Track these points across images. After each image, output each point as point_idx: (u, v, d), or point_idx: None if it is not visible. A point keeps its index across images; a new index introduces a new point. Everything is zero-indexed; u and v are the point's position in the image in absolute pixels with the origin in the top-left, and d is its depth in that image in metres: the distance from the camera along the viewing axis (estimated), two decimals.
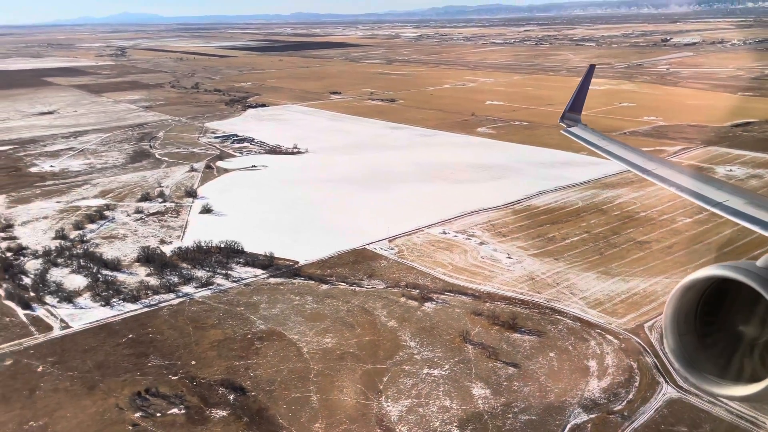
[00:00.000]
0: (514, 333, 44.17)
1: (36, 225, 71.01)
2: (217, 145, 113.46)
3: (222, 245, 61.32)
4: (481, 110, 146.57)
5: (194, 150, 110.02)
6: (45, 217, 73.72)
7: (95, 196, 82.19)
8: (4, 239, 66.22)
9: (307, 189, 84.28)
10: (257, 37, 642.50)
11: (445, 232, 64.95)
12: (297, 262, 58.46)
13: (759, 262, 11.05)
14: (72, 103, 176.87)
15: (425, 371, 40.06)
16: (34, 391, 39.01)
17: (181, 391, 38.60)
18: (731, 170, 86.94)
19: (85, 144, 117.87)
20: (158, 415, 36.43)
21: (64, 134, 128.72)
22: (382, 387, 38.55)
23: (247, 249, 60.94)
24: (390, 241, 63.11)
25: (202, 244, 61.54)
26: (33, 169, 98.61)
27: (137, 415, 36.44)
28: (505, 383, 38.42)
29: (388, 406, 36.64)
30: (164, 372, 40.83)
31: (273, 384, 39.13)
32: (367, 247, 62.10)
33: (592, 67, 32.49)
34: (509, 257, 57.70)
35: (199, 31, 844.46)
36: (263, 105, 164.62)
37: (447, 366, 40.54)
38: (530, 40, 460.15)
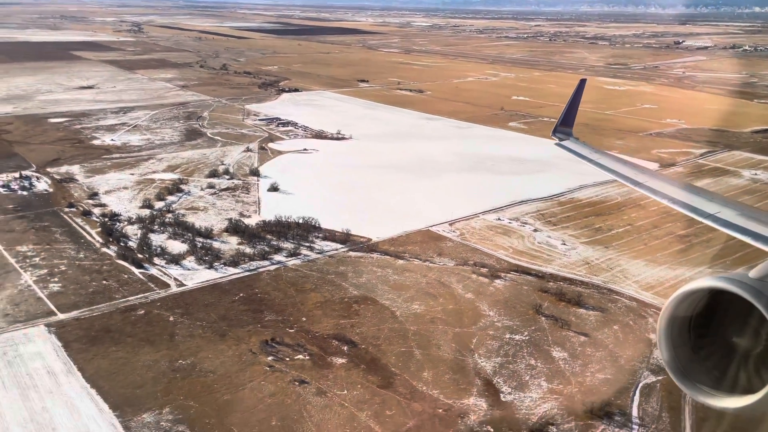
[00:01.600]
0: (580, 308, 50.62)
1: (119, 194, 77.00)
2: (263, 128, 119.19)
3: (299, 221, 67.46)
4: (509, 105, 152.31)
5: (242, 131, 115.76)
6: (125, 188, 79.71)
7: (164, 171, 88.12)
8: (95, 206, 72.21)
9: (360, 174, 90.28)
10: (269, 18, 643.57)
11: (499, 219, 71.25)
12: (370, 239, 64.70)
13: (752, 273, 11.28)
14: (108, 78, 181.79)
15: (507, 336, 46.48)
16: (173, 336, 45.32)
17: (301, 342, 44.97)
18: (756, 174, 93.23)
19: (136, 120, 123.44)
20: (287, 359, 42.79)
21: (111, 109, 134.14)
22: (473, 347, 44.98)
23: (323, 226, 67.07)
24: (450, 225, 69.39)
25: (282, 219, 67.77)
26: (95, 142, 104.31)
27: (269, 358, 42.82)
28: (579, 349, 44.89)
29: (481, 362, 43.08)
30: (281, 325, 47.17)
31: (378, 340, 45.52)
32: (430, 229, 68.35)
33: (582, 82, 33.01)
34: (564, 243, 64.09)
35: (209, 10, 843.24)
36: (296, 90, 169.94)
37: (526, 332, 46.97)
38: (543, 36, 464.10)
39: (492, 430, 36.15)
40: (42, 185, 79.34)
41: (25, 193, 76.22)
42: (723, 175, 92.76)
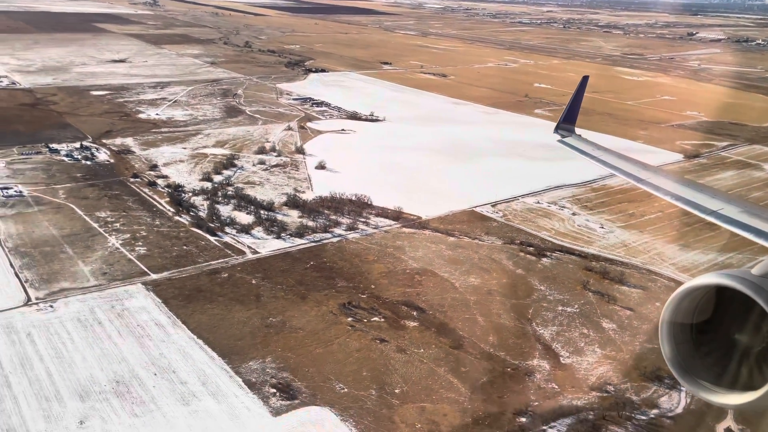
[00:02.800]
0: (623, 286, 55.31)
1: (177, 167, 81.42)
2: (298, 107, 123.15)
3: (352, 198, 71.92)
4: (532, 92, 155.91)
5: (279, 110, 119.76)
6: (181, 161, 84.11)
7: (214, 146, 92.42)
8: (157, 177, 76.66)
9: (399, 155, 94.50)
10: None
11: (538, 203, 75.75)
12: (420, 217, 69.23)
13: (754, 270, 11.32)
14: (137, 53, 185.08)
15: (560, 308, 51.22)
16: (259, 297, 50.08)
17: (374, 306, 49.73)
18: None
19: (174, 95, 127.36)
20: (365, 320, 47.56)
21: (148, 84, 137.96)
22: (530, 316, 49.75)
23: (374, 203, 71.51)
24: (493, 206, 73.89)
25: (336, 195, 72.24)
26: (141, 116, 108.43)
27: (349, 319, 47.59)
28: (626, 321, 49.65)
29: (539, 329, 47.87)
30: (353, 291, 51.90)
31: (443, 307, 50.26)
32: (474, 209, 72.85)
33: (585, 79, 33.12)
34: (602, 227, 68.67)
35: None
36: (323, 70, 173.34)
37: (576, 305, 51.70)
38: (556, 23, 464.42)
39: (557, 386, 41.00)
40: (102, 156, 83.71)
41: (89, 162, 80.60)
42: (745, 168, 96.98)
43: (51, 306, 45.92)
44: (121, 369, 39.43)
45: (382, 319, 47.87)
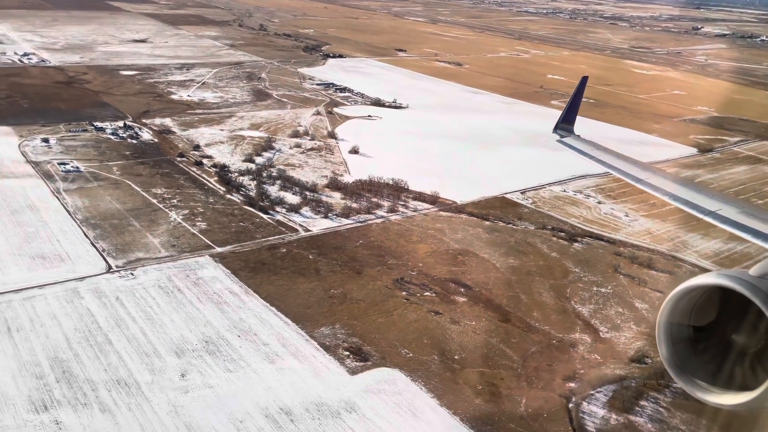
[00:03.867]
0: (651, 270, 59.54)
1: (219, 148, 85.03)
2: (323, 92, 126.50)
3: (390, 182, 75.74)
4: (546, 83, 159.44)
5: (305, 95, 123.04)
6: (221, 142, 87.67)
7: (249, 128, 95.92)
8: (202, 157, 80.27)
9: (426, 142, 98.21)
10: None
11: (565, 191, 79.79)
12: (455, 202, 73.17)
13: (752, 271, 11.34)
14: (156, 33, 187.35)
15: (594, 288, 55.43)
16: (318, 271, 54.09)
17: (425, 282, 53.81)
18: None
19: (202, 77, 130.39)
20: (418, 295, 51.65)
21: (174, 65, 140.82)
22: (568, 295, 53.96)
23: (410, 187, 75.34)
24: (522, 193, 77.90)
25: (374, 179, 76.03)
26: (174, 97, 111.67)
27: (403, 293, 51.70)
28: (657, 302, 53.88)
29: (578, 307, 52.10)
30: (403, 268, 55.95)
31: (488, 285, 54.39)
32: (505, 196, 76.83)
33: (584, 79, 33.29)
34: (626, 215, 72.81)
35: None
36: (340, 56, 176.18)
37: (609, 287, 55.91)
38: (561, 13, 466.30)
39: (599, 357, 45.28)
40: (146, 135, 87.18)
41: (134, 141, 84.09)
42: (757, 163, 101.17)
43: (132, 274, 49.84)
44: (208, 331, 43.48)
45: (434, 294, 51.97)
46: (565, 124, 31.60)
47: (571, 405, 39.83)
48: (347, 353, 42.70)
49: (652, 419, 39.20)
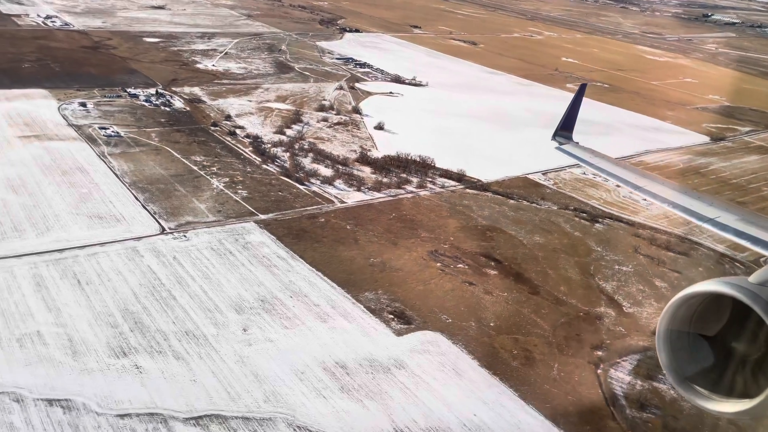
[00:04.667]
0: (669, 252, 62.73)
1: (249, 119, 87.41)
2: (343, 67, 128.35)
3: (417, 158, 78.41)
4: (561, 66, 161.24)
5: (326, 69, 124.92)
6: (251, 113, 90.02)
7: (276, 101, 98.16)
8: (234, 127, 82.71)
9: (447, 120, 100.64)
10: None
11: (584, 174, 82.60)
12: (480, 180, 76.00)
13: (751, 278, 11.46)
14: (172, 0, 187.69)
15: (616, 267, 58.63)
16: (357, 240, 57.11)
17: (457, 255, 56.92)
18: None
19: (223, 47, 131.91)
20: (451, 266, 54.79)
21: (195, 34, 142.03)
22: (592, 272, 57.18)
23: (436, 165, 78.06)
24: (544, 174, 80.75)
25: (401, 155, 78.70)
26: (199, 66, 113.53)
27: (438, 264, 54.82)
28: (675, 281, 57.18)
29: (602, 283, 55.34)
30: (436, 241, 59.00)
31: (517, 260, 57.53)
32: (527, 176, 79.66)
33: (583, 86, 33.79)
34: (644, 199, 75.59)
35: None
36: (357, 30, 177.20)
37: (630, 266, 59.12)
38: None
39: (623, 329, 48.63)
40: (178, 103, 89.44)
41: (167, 109, 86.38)
42: None
43: (185, 236, 52.78)
44: (262, 291, 46.60)
45: (466, 267, 55.12)
46: (564, 131, 32.26)
47: (599, 371, 43.23)
48: (391, 316, 45.92)
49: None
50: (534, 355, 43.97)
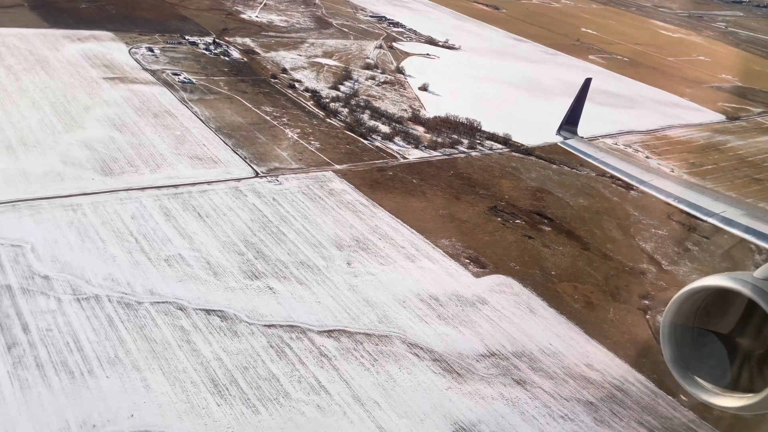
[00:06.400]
0: (697, 220, 69.67)
1: (304, 73, 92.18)
2: (377, 25, 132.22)
3: (464, 121, 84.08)
4: (582, 37, 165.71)
5: (362, 26, 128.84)
6: (303, 68, 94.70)
7: (323, 56, 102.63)
8: (292, 81, 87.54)
9: (484, 85, 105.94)
10: None
11: (616, 143, 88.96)
12: (524, 144, 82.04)
13: (756, 273, 11.80)
14: None
15: (652, 230, 65.56)
16: (425, 193, 63.30)
17: (514, 212, 63.39)
18: None
19: None
20: (510, 221, 61.38)
21: None
22: (632, 233, 64.09)
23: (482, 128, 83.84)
24: None
25: (450, 117, 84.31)
26: (243, 17, 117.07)
27: (498, 219, 61.37)
28: (704, 246, 64.28)
29: (641, 244, 62.30)
30: (493, 198, 65.37)
31: (566, 219, 64.18)
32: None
33: (588, 81, 33.70)
34: (672, 171, 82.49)
35: None
36: None
37: (665, 230, 66.05)
38: None
39: (664, 284, 55.79)
40: (235, 54, 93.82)
41: (227, 59, 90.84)
42: None
43: (277, 180, 58.65)
44: (354, 232, 52.92)
45: (523, 222, 61.71)
46: (569, 126, 32.62)
47: (647, 316, 50.43)
48: (468, 261, 52.57)
49: None
50: (592, 300, 51.00)
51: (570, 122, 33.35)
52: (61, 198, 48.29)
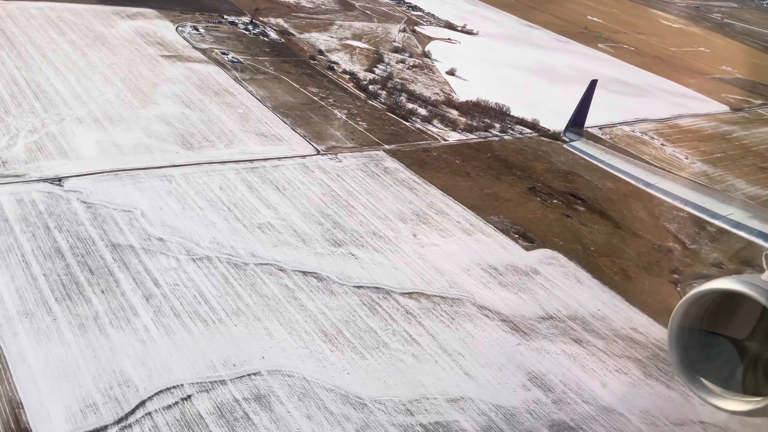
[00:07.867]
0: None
1: (339, 55, 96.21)
2: (397, 8, 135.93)
3: (494, 105, 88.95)
4: (590, 25, 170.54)
5: (383, 9, 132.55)
6: (337, 50, 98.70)
7: (353, 39, 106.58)
8: (330, 62, 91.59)
9: (504, 71, 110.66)
10: None
11: (633, 131, 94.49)
12: (549, 129, 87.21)
13: (764, 276, 11.50)
14: None
15: (674, 212, 71.23)
16: (468, 173, 68.40)
17: (550, 192, 68.73)
18: None
19: None
20: (548, 201, 66.70)
21: None
22: (656, 215, 69.82)
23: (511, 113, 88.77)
24: (600, 129, 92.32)
25: (480, 101, 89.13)
26: None
27: (537, 199, 66.68)
28: (722, 229, 70.15)
29: (666, 224, 68.06)
30: (529, 180, 70.62)
31: (598, 200, 69.68)
32: (586, 129, 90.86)
33: (593, 83, 30.62)
34: (686, 158, 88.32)
35: None
36: None
37: (684, 213, 71.68)
38: None
39: (690, 260, 61.66)
40: (272, 34, 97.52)
41: (266, 39, 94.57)
42: None
43: (337, 158, 63.32)
44: (413, 207, 57.95)
45: (560, 202, 67.13)
46: (574, 128, 30.49)
47: (678, 288, 56.27)
48: (517, 236, 57.92)
49: None
50: (629, 273, 56.69)
51: (576, 124, 31.12)
52: (154, 169, 52.65)
